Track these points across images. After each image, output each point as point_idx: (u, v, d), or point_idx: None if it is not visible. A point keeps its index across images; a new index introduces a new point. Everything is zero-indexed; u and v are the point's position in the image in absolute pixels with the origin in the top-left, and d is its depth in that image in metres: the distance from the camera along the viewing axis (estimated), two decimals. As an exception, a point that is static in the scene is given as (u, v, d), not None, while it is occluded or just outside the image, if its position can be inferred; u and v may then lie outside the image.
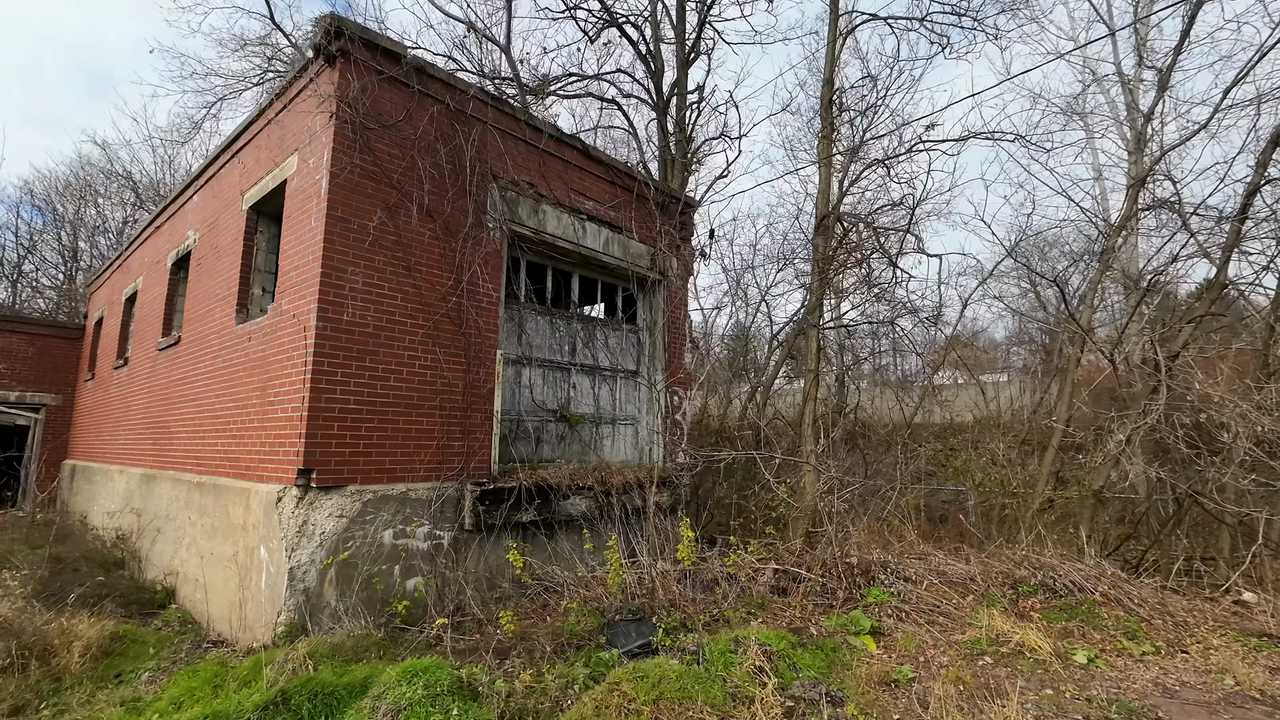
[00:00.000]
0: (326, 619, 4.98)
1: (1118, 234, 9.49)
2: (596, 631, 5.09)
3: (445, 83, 6.24)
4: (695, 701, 3.98)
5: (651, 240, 8.55)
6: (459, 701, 3.74)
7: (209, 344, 7.20)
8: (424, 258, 5.95)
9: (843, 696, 4.41)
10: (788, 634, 5.04)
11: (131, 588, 6.91)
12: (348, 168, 5.44)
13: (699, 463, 8.80)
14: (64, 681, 4.30)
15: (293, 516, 5.01)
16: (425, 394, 5.86)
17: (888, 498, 9.04)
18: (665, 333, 8.73)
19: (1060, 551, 7.41)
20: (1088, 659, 5.20)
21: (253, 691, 3.75)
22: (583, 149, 7.67)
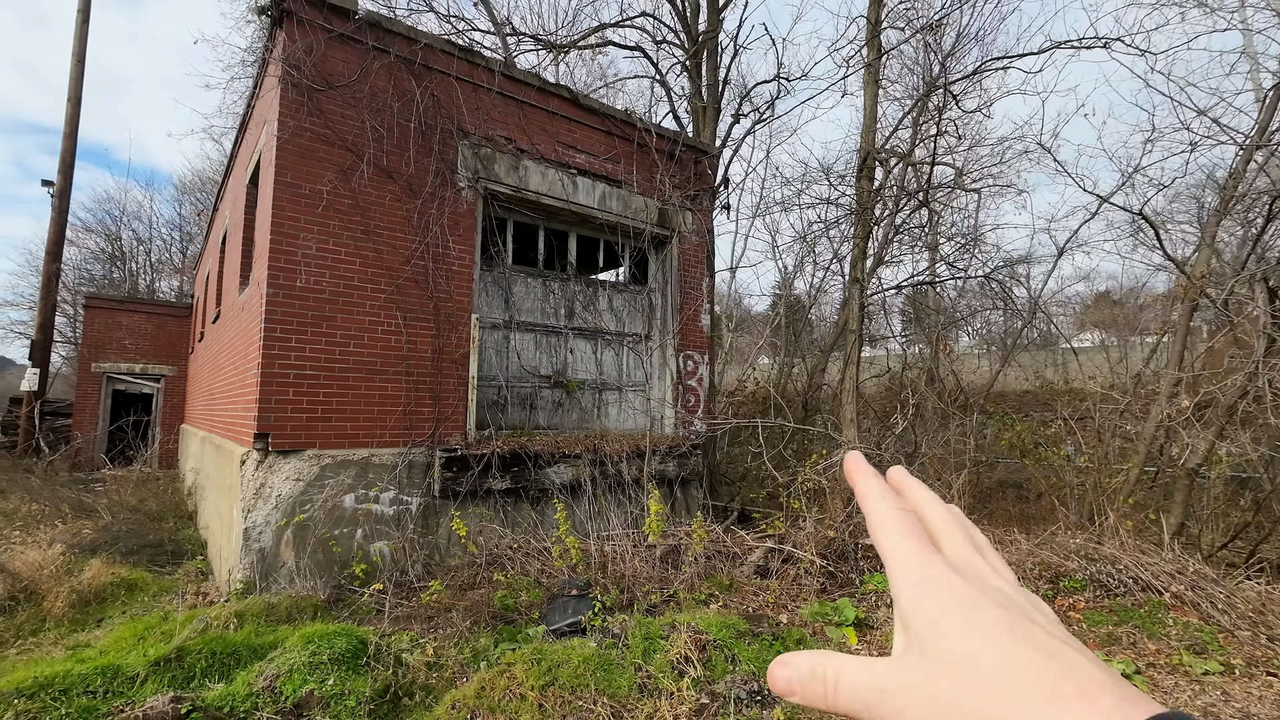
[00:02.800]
0: (283, 579, 5.12)
1: (1254, 149, 7.57)
2: (538, 606, 4.85)
3: (405, 36, 6.01)
4: (590, 690, 3.62)
5: (657, 194, 7.95)
6: (340, 670, 3.64)
7: (228, 315, 7.64)
8: (384, 221, 5.83)
9: (777, 698, 3.85)
10: (739, 621, 4.51)
11: (174, 539, 7.59)
12: (295, 131, 5.38)
13: (715, 432, 8.23)
14: (46, 623, 4.72)
15: (252, 479, 5.15)
16: (389, 359, 5.80)
17: (937, 474, 7.99)
18: (676, 293, 8.16)
19: (1136, 542, 6.17)
20: (1122, 674, 4.22)
21: (161, 645, 3.88)
22: (570, 97, 7.19)
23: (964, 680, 0.34)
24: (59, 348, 25.95)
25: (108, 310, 15.16)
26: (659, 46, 11.24)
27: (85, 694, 3.36)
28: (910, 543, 0.41)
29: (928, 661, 0.36)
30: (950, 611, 0.36)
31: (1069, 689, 0.32)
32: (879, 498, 0.45)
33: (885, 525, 0.42)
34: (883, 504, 0.44)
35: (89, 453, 14.16)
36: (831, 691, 0.38)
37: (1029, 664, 0.33)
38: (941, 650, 0.35)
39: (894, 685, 0.36)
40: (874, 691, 0.36)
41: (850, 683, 0.37)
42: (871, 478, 0.47)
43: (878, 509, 0.44)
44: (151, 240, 31.55)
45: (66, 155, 14.21)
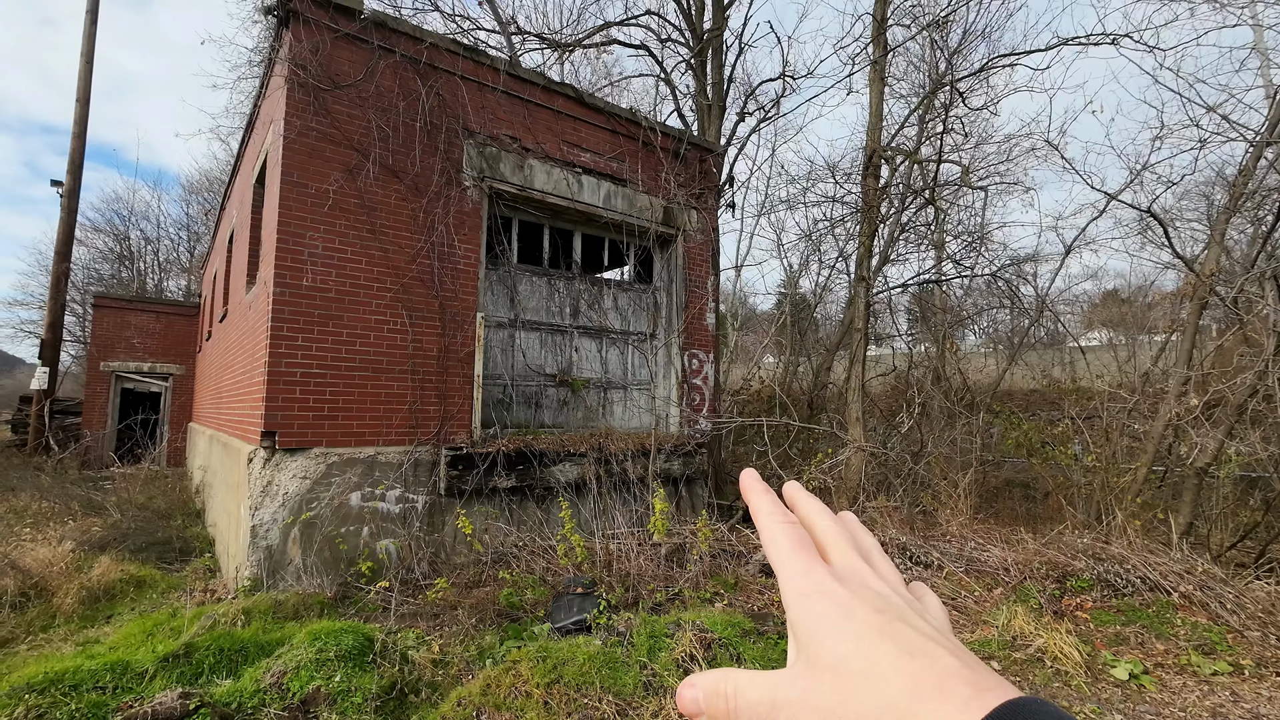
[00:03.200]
0: (290, 576, 5.14)
1: (1264, 145, 7.51)
2: (544, 603, 4.86)
3: (411, 36, 6.02)
4: (595, 688, 3.63)
5: (662, 192, 7.95)
6: (346, 667, 3.66)
7: (236, 314, 7.68)
8: (390, 220, 5.85)
9: (783, 696, 3.86)
10: (745, 620, 4.51)
11: (183, 536, 7.64)
12: (302, 131, 5.40)
13: (720, 430, 8.23)
14: (56, 620, 4.76)
15: (259, 477, 5.18)
16: (395, 358, 5.82)
17: (942, 473, 7.97)
18: (681, 292, 8.16)
19: (1144, 542, 6.13)
20: (1130, 674, 4.21)
21: (170, 642, 3.91)
22: (575, 96, 7.20)
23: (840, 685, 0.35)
24: (68, 347, 26.17)
25: (116, 309, 15.27)
26: (664, 45, 11.23)
27: (95, 689, 3.39)
28: (798, 555, 0.41)
29: (811, 669, 0.36)
30: (829, 618, 0.37)
31: (929, 683, 0.33)
32: (768, 513, 0.45)
33: (775, 539, 0.43)
34: (771, 519, 0.45)
35: (98, 451, 14.27)
36: (732, 708, 0.38)
37: (895, 663, 0.34)
38: (821, 657, 0.36)
39: (783, 697, 0.37)
40: (767, 705, 0.37)
41: (748, 698, 0.38)
42: (764, 494, 0.48)
43: (767, 524, 0.45)
44: (159, 240, 31.77)
45: (75, 155, 14.31)
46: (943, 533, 6.65)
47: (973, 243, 11.88)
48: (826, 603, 0.38)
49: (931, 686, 0.33)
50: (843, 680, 0.35)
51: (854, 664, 0.35)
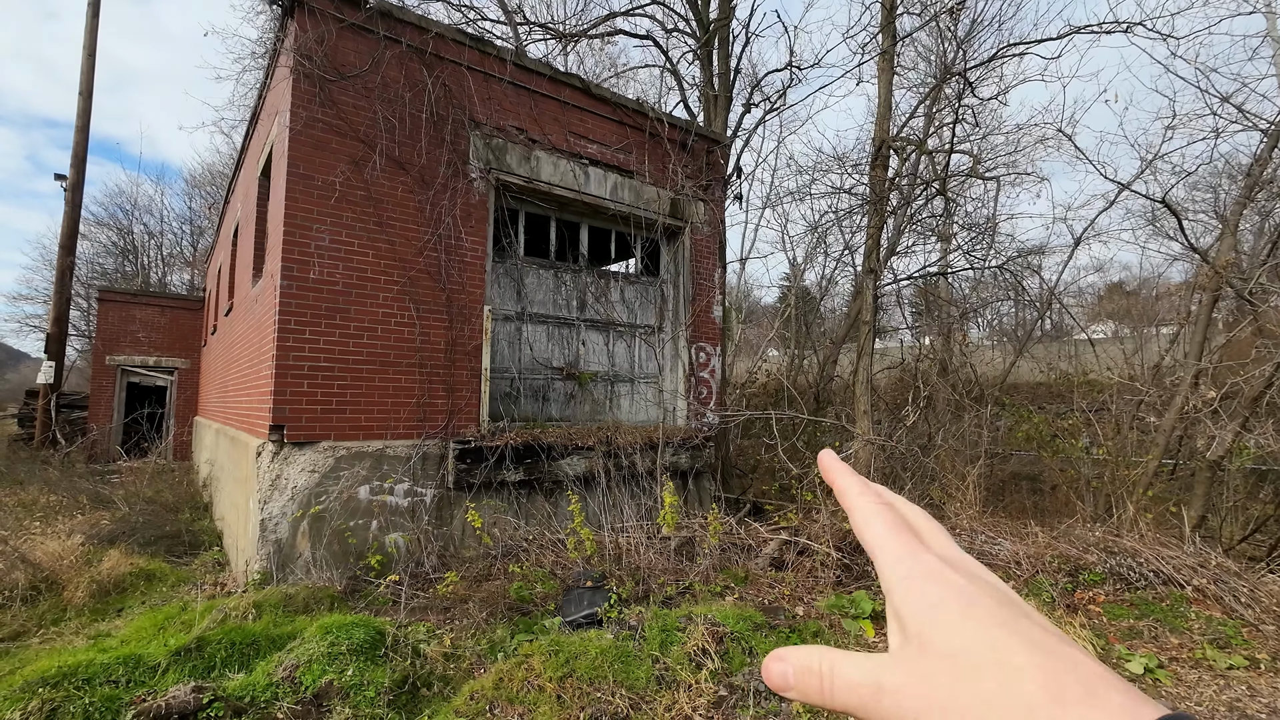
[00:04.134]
0: (299, 570, 5.14)
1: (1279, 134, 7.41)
2: (554, 597, 4.85)
3: (416, 25, 5.96)
4: (608, 682, 3.61)
5: (669, 184, 7.89)
6: (359, 661, 3.65)
7: (241, 308, 7.66)
8: (397, 212, 5.81)
9: (796, 690, 3.83)
10: (756, 614, 4.49)
11: (191, 530, 7.65)
12: (307, 122, 5.36)
13: (728, 424, 8.20)
14: (67, 613, 4.76)
15: (268, 470, 5.17)
16: (403, 351, 5.80)
17: (950, 466, 7.93)
18: (689, 284, 8.11)
19: (1156, 535, 6.09)
20: (1145, 668, 4.19)
21: (182, 635, 3.91)
22: (582, 87, 7.13)
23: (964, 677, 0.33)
24: (74, 341, 26.24)
25: (121, 304, 15.27)
26: (669, 35, 11.13)
27: (108, 683, 3.38)
28: (899, 538, 0.40)
29: (926, 657, 0.35)
30: (947, 606, 0.36)
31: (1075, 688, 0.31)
32: (859, 493, 0.45)
33: (870, 520, 0.42)
34: (864, 499, 0.44)
35: (105, 445, 14.31)
36: (828, 687, 0.37)
37: (1031, 661, 0.32)
38: (939, 646, 0.34)
39: (892, 682, 0.35)
40: (871, 687, 0.35)
41: (846, 678, 0.36)
42: (849, 475, 0.47)
43: (860, 504, 0.44)
44: (163, 234, 31.79)
45: (79, 149, 14.28)
46: (952, 526, 6.62)
47: (982, 234, 11.79)
48: (943, 588, 0.37)
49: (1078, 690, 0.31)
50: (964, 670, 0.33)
51: (979, 654, 0.33)
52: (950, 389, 10.84)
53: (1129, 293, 28.78)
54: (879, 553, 0.41)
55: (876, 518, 0.42)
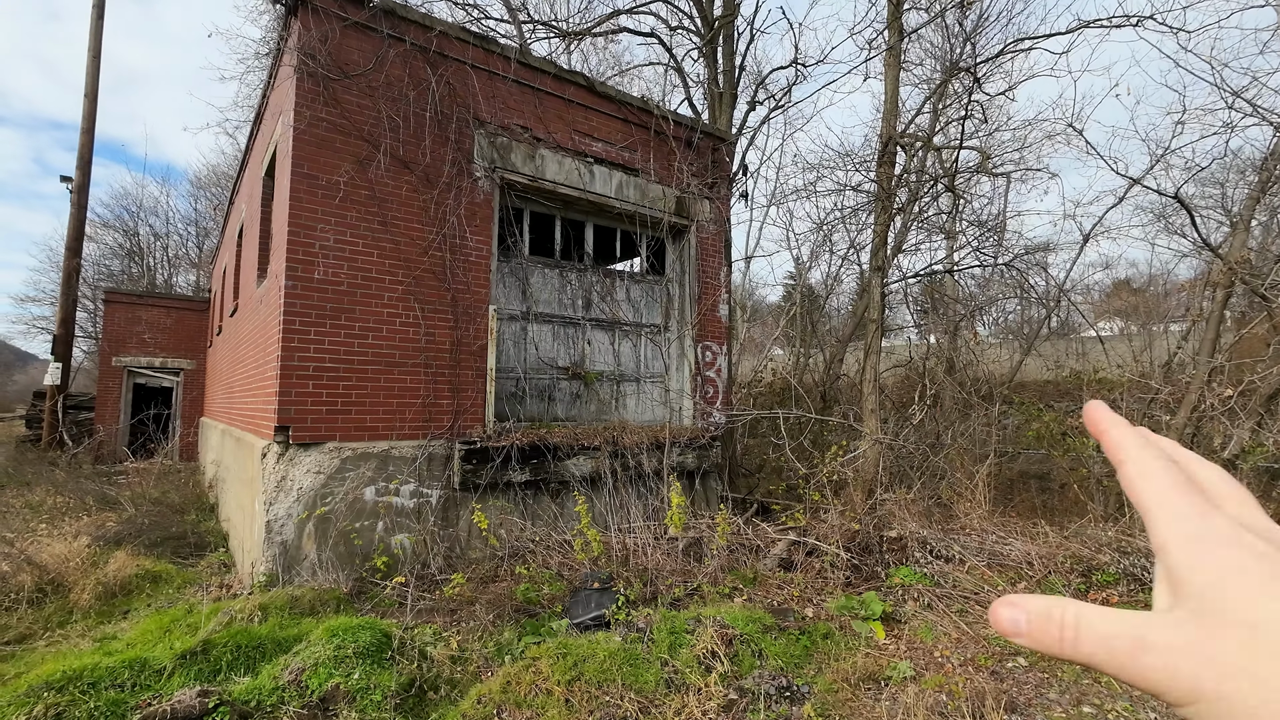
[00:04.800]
0: (305, 571, 5.11)
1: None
2: (561, 599, 4.81)
3: (420, 24, 5.92)
4: (616, 685, 3.57)
5: (674, 182, 7.83)
6: (365, 664, 3.62)
7: (246, 308, 7.64)
8: (401, 212, 5.78)
9: (807, 693, 3.79)
10: (765, 615, 4.44)
11: (197, 531, 7.64)
12: (312, 122, 5.33)
13: (735, 423, 8.14)
14: (73, 615, 4.75)
15: (273, 472, 5.15)
16: (408, 351, 5.77)
17: (958, 465, 7.86)
18: (694, 283, 8.06)
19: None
20: (1161, 672, 4.10)
21: (187, 638, 3.88)
22: (587, 85, 7.08)
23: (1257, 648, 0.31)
24: (80, 342, 26.34)
25: (127, 305, 15.31)
26: (673, 33, 11.07)
27: (113, 687, 3.36)
28: (1186, 497, 0.37)
29: (1208, 621, 0.33)
30: (1247, 572, 0.33)
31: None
32: (1141, 446, 0.41)
33: (1151, 476, 0.39)
34: (1146, 454, 0.40)
35: (111, 445, 14.35)
36: (1071, 636, 0.36)
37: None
38: (1230, 611, 0.33)
39: (1160, 640, 0.34)
40: (1130, 641, 0.34)
41: (1096, 630, 0.35)
42: (1125, 427, 0.43)
43: (1141, 457, 0.40)
44: (168, 235, 31.86)
45: (84, 151, 14.31)
46: (961, 525, 6.55)
47: (990, 230, 11.71)
48: (1242, 555, 0.34)
49: None
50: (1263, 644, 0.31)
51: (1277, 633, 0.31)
52: (958, 387, 10.77)
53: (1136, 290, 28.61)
54: (1156, 509, 0.38)
55: (1159, 474, 0.39)
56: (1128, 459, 0.41)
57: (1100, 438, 0.44)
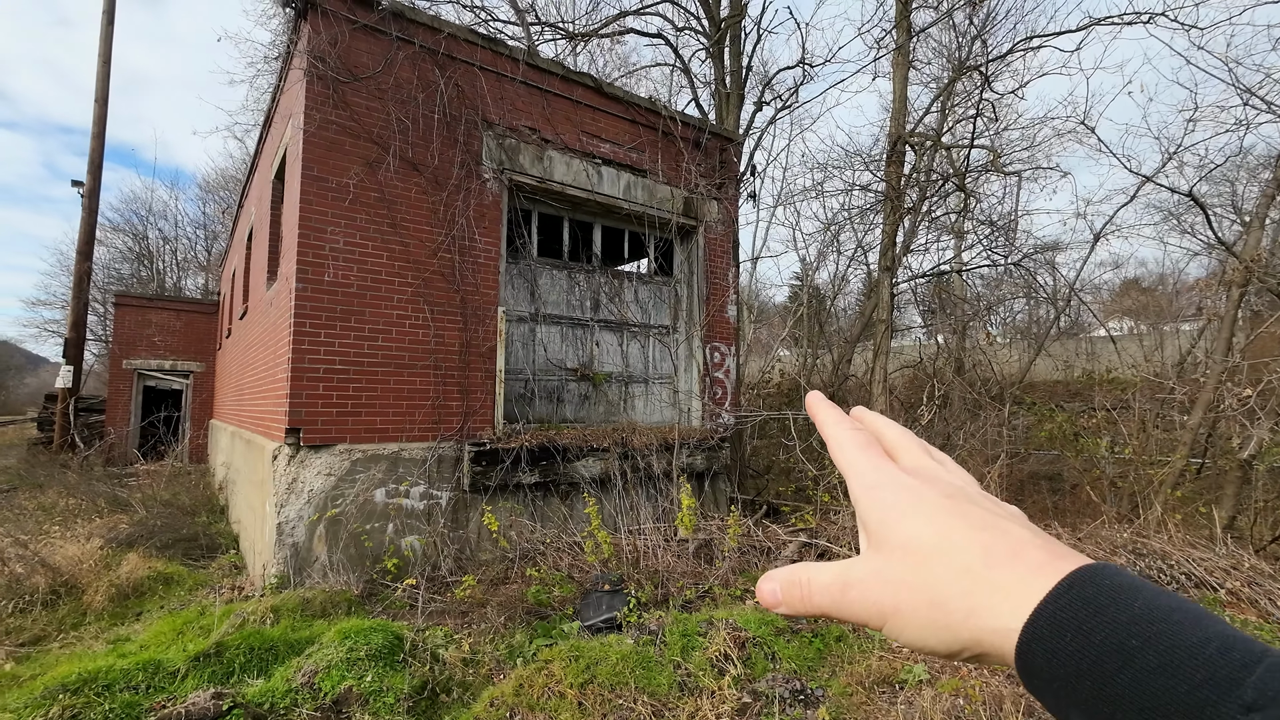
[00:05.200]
0: (316, 573, 5.12)
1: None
2: (572, 601, 4.79)
3: (428, 26, 5.93)
4: (629, 688, 3.55)
5: (682, 183, 7.82)
6: (378, 667, 3.62)
7: (256, 311, 7.67)
8: (410, 214, 5.78)
9: (821, 696, 3.76)
10: (778, 618, 4.41)
11: (208, 533, 7.67)
12: (321, 124, 5.34)
13: (743, 424, 8.11)
14: (87, 617, 4.77)
15: (284, 474, 5.16)
16: (417, 353, 5.77)
17: (966, 466, 7.80)
18: (703, 284, 8.03)
19: (1185, 536, 5.95)
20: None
21: (201, 641, 3.89)
22: (594, 86, 7.08)
23: (913, 560, 0.38)
24: (90, 345, 26.53)
25: (137, 308, 15.41)
26: (679, 34, 11.06)
27: (128, 689, 3.36)
28: (865, 454, 0.45)
29: (882, 551, 0.39)
30: (899, 504, 0.40)
31: (1002, 550, 0.36)
32: (835, 421, 0.48)
33: (842, 443, 0.46)
34: (839, 427, 0.48)
35: (122, 448, 14.43)
36: (806, 594, 0.41)
37: (966, 535, 0.37)
38: (893, 539, 0.39)
39: (855, 575, 0.40)
40: (839, 585, 0.40)
41: (819, 582, 0.41)
42: (829, 407, 0.51)
43: (834, 432, 0.48)
44: (177, 239, 32.09)
45: (95, 156, 14.42)
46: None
47: (1000, 230, 11.63)
48: (896, 490, 0.41)
49: (1004, 553, 0.36)
50: (914, 555, 0.38)
51: (926, 540, 0.38)
52: (968, 387, 10.70)
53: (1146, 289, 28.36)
54: (847, 471, 0.44)
55: (849, 441, 0.46)
56: (829, 435, 0.48)
57: (814, 420, 0.51)
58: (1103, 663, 0.30)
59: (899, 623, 0.37)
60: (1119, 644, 0.30)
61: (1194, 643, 0.29)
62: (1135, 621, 0.30)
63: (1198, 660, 0.29)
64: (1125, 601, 0.31)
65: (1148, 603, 0.31)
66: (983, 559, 0.35)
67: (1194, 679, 0.28)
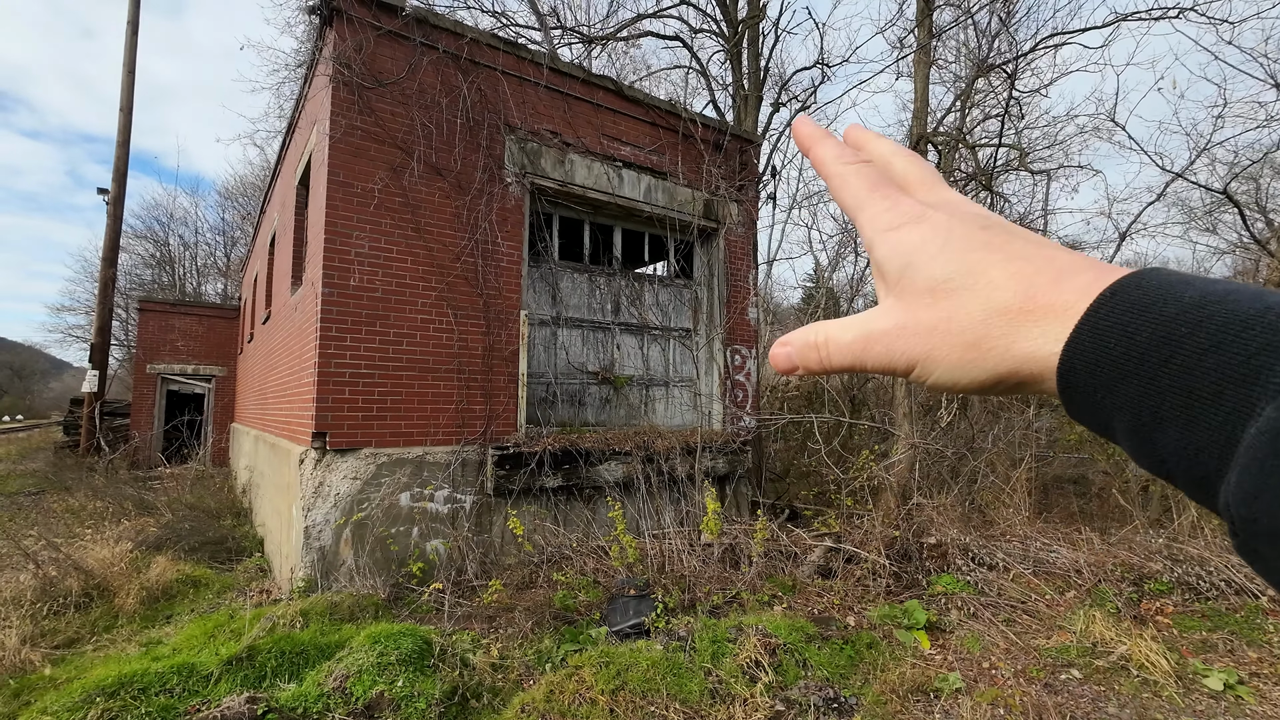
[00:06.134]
0: (343, 577, 5.13)
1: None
2: (598, 606, 4.77)
3: (452, 31, 5.96)
4: (661, 696, 3.51)
5: (703, 185, 7.78)
6: (408, 672, 3.61)
7: (280, 316, 7.74)
8: (434, 218, 5.80)
9: (855, 705, 3.70)
10: (807, 624, 4.35)
11: (233, 536, 7.74)
12: (347, 130, 5.38)
13: (766, 427, 8.05)
14: (119, 620, 4.81)
15: (311, 478, 5.18)
16: (441, 357, 5.78)
17: (992, 469, 7.68)
18: (723, 286, 7.99)
19: (1221, 541, 5.81)
20: (1225, 685, 3.96)
21: (232, 644, 3.91)
22: (615, 89, 7.07)
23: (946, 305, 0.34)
24: (114, 350, 26.98)
25: (161, 313, 15.64)
26: (696, 35, 11.04)
27: (163, 692, 3.38)
28: (878, 192, 0.39)
29: (906, 299, 0.36)
30: (925, 245, 0.36)
31: (1045, 282, 0.32)
32: (835, 158, 0.42)
33: (847, 182, 0.41)
34: (840, 163, 0.42)
35: (146, 451, 14.64)
36: (824, 355, 0.39)
37: (1006, 272, 0.33)
38: (919, 283, 0.35)
39: (878, 328, 0.37)
40: (861, 341, 0.37)
41: (839, 341, 0.38)
42: (825, 139, 0.44)
43: (836, 170, 0.42)
44: (197, 245, 32.56)
45: (120, 164, 14.67)
46: (1002, 532, 6.40)
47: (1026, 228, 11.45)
48: (921, 229, 0.36)
49: (1047, 282, 0.32)
50: (947, 299, 0.34)
51: (958, 279, 0.34)
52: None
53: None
54: (859, 214, 0.39)
55: (855, 177, 0.40)
56: (829, 174, 0.42)
57: (808, 156, 0.44)
58: (1147, 358, 0.27)
59: (929, 367, 0.35)
60: (1166, 335, 0.27)
61: (1251, 314, 0.26)
62: (1185, 310, 0.27)
63: (1254, 330, 0.25)
64: (1174, 295, 0.28)
65: (1200, 291, 0.28)
66: (1025, 293, 0.32)
67: (1250, 348, 0.25)
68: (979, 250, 0.34)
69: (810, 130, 0.45)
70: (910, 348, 0.35)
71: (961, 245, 0.35)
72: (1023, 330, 0.31)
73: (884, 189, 0.39)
